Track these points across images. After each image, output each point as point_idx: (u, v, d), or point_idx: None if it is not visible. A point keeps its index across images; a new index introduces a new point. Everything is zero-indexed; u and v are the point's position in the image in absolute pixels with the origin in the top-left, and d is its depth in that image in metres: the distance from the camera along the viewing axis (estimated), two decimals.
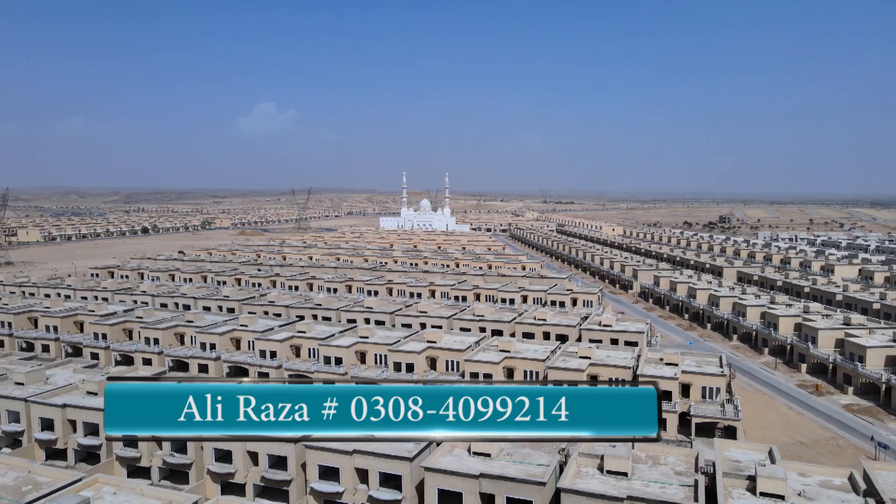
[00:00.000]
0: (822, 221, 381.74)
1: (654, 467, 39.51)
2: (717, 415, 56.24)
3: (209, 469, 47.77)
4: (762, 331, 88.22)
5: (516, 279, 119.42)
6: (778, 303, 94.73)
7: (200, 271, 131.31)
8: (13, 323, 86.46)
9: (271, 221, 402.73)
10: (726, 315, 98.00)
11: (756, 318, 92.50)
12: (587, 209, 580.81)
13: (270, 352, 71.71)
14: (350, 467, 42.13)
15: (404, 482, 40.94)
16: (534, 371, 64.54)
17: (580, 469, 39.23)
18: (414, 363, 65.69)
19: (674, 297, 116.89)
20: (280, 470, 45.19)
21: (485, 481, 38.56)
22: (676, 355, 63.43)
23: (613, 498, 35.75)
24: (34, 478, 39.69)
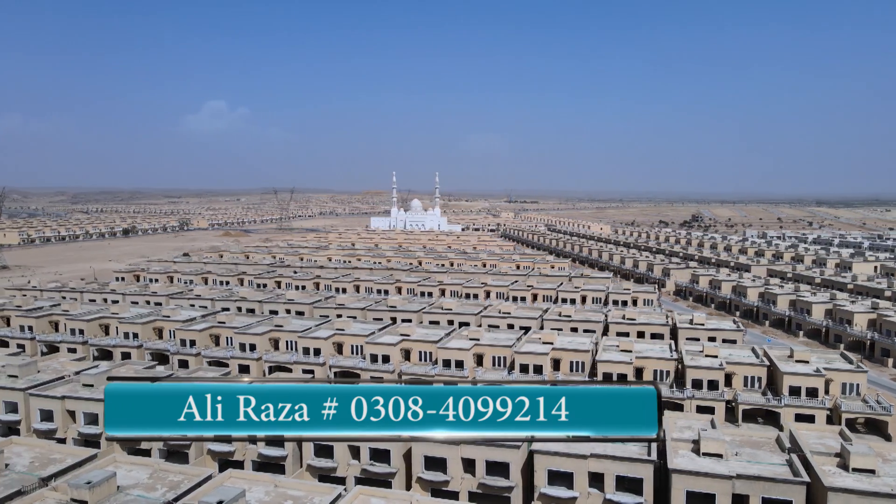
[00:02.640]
0: (791, 220, 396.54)
1: None
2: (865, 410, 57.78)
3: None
4: (834, 327, 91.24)
5: (561, 279, 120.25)
6: (842, 299, 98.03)
7: (236, 273, 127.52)
8: (139, 333, 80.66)
9: (250, 222, 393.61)
10: (790, 312, 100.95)
11: (821, 314, 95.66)
12: (558, 209, 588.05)
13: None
14: (584, 471, 41.68)
15: (645, 485, 40.74)
16: (663, 370, 65.13)
17: (822, 467, 39.77)
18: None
19: (719, 295, 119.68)
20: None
21: (739, 482, 38.71)
22: (807, 354, 65.06)
23: (879, 494, 36.46)
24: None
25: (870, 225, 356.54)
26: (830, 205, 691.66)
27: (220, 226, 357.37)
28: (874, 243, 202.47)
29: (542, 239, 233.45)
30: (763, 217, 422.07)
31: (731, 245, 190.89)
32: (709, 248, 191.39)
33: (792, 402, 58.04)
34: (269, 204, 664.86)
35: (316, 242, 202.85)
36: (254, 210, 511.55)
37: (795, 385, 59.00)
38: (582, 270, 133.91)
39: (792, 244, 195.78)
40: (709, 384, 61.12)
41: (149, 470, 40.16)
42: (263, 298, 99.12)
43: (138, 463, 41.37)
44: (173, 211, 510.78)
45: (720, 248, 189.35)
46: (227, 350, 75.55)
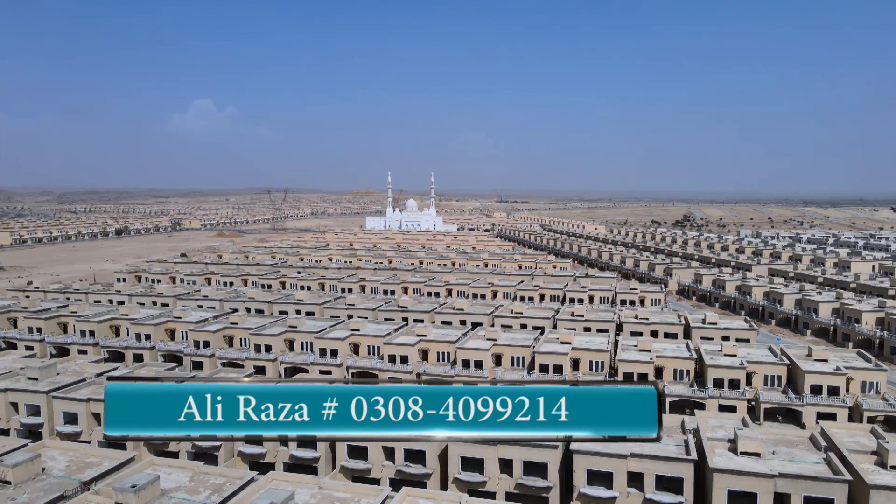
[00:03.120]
0: (782, 220, 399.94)
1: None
2: None
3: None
4: (843, 325, 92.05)
5: (566, 279, 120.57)
6: (848, 298, 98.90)
7: (240, 274, 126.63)
8: (152, 334, 79.65)
9: (242, 222, 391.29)
10: (796, 311, 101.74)
11: (828, 313, 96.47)
12: (549, 209, 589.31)
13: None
14: (624, 470, 41.73)
15: (685, 484, 40.84)
16: (685, 370, 65.40)
17: (861, 465, 40.06)
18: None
19: (723, 294, 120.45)
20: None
21: (780, 481, 38.91)
22: (826, 352, 65.59)
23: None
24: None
25: (859, 224, 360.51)
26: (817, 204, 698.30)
27: (213, 226, 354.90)
28: (868, 243, 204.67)
29: (540, 239, 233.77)
30: (754, 217, 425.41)
31: (729, 245, 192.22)
32: (706, 248, 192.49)
33: (814, 400, 58.48)
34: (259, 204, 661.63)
35: (314, 243, 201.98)
36: (245, 210, 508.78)
37: (817, 384, 59.42)
38: (586, 270, 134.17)
39: (788, 244, 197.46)
40: (730, 383, 61.44)
41: (189, 473, 39.75)
42: (273, 299, 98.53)
43: (177, 465, 41.05)
44: (163, 211, 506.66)
45: (717, 248, 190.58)
46: (241, 351, 75.12)
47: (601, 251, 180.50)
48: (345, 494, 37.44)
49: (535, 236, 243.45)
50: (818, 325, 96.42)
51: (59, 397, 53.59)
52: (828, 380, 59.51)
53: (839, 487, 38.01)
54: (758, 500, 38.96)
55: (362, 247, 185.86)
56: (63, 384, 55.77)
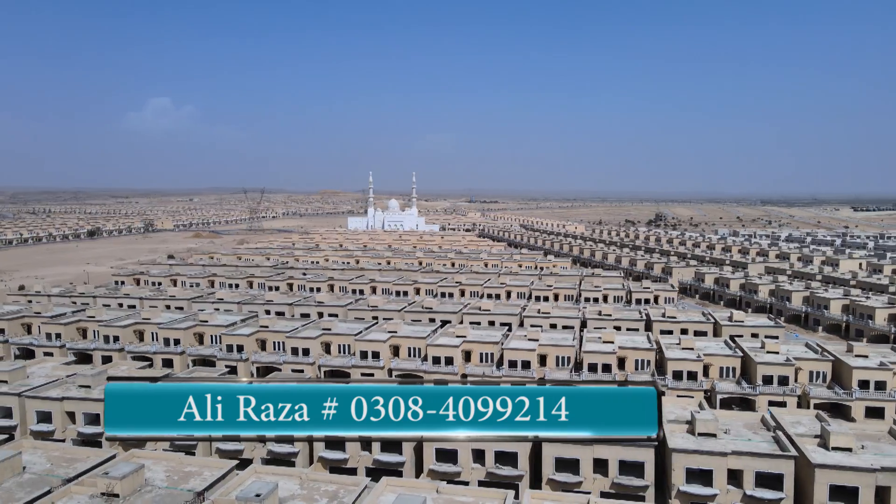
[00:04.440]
0: (750, 219, 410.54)
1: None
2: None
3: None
4: (855, 322, 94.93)
5: (575, 278, 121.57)
6: (856, 295, 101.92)
7: (245, 276, 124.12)
8: (181, 339, 78.00)
9: (215, 222, 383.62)
10: (806, 308, 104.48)
11: (838, 309, 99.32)
12: (521, 208, 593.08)
13: (440, 356, 70.57)
14: (724, 468, 42.23)
15: (786, 480, 41.54)
16: (731, 368, 66.54)
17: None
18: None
19: (728, 293, 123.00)
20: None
21: (881, 475, 39.92)
22: (866, 349, 67.58)
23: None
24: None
25: (824, 223, 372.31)
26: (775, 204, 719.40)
27: (186, 227, 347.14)
28: (845, 241, 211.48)
29: (528, 239, 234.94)
30: (723, 216, 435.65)
31: (714, 243, 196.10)
32: (692, 246, 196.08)
33: (863, 395, 60.18)
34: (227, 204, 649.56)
35: (303, 244, 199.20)
36: (214, 210, 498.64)
37: (864, 379, 61.13)
38: (592, 271, 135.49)
39: (772, 242, 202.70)
40: (779, 380, 62.77)
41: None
42: (293, 301, 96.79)
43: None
44: (127, 212, 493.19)
45: (703, 247, 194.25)
46: (278, 355, 73.60)
47: (594, 251, 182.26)
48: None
49: (523, 236, 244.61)
50: (830, 322, 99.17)
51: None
52: (875, 375, 61.26)
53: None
54: (859, 494, 39.91)
55: (355, 247, 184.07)
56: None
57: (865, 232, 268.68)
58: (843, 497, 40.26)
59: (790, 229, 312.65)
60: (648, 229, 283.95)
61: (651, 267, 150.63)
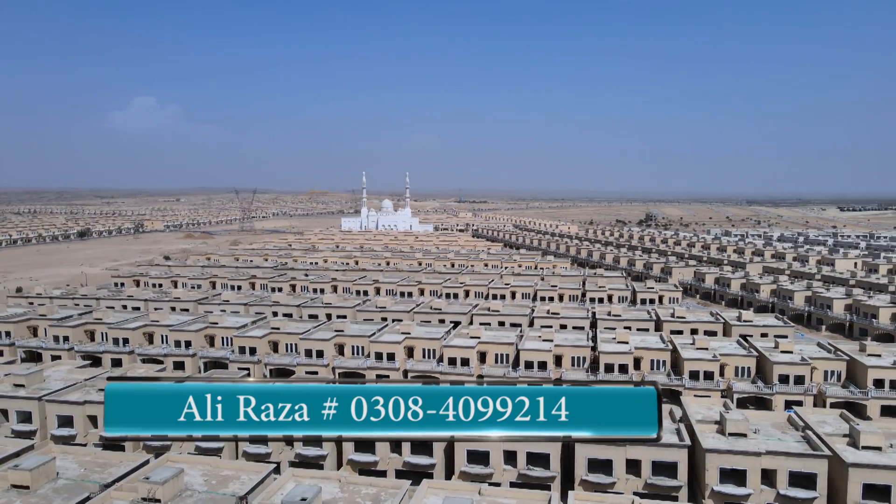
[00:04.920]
0: (739, 219, 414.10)
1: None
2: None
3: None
4: (859, 321, 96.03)
5: (579, 279, 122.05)
6: (858, 295, 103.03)
7: (247, 277, 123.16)
8: (193, 341, 77.59)
9: (204, 223, 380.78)
10: (808, 308, 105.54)
11: (841, 309, 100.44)
12: (511, 208, 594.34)
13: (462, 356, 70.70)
14: (757, 468, 42.52)
15: (819, 480, 41.89)
16: (747, 367, 67.04)
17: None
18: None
19: (729, 292, 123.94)
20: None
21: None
22: (878, 348, 68.31)
23: None
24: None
25: (812, 223, 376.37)
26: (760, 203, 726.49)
27: (176, 227, 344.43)
28: (838, 241, 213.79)
29: (524, 238, 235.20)
30: (712, 216, 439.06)
31: (710, 243, 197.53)
32: (686, 246, 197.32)
33: (879, 394, 60.90)
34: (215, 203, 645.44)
35: (300, 244, 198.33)
36: (202, 210, 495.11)
37: (879, 378, 61.85)
38: (595, 271, 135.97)
39: (766, 242, 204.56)
40: (795, 379, 63.34)
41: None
42: (300, 303, 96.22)
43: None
44: (114, 212, 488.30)
45: (699, 247, 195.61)
46: (292, 357, 73.29)
47: (591, 251, 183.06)
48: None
49: (519, 236, 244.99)
50: (833, 321, 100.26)
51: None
52: (891, 374, 62.01)
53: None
54: (892, 491, 40.34)
55: (353, 248, 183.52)
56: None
57: (855, 232, 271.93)
58: (875, 495, 40.73)
59: (780, 229, 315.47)
60: (641, 229, 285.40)
61: (650, 267, 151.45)
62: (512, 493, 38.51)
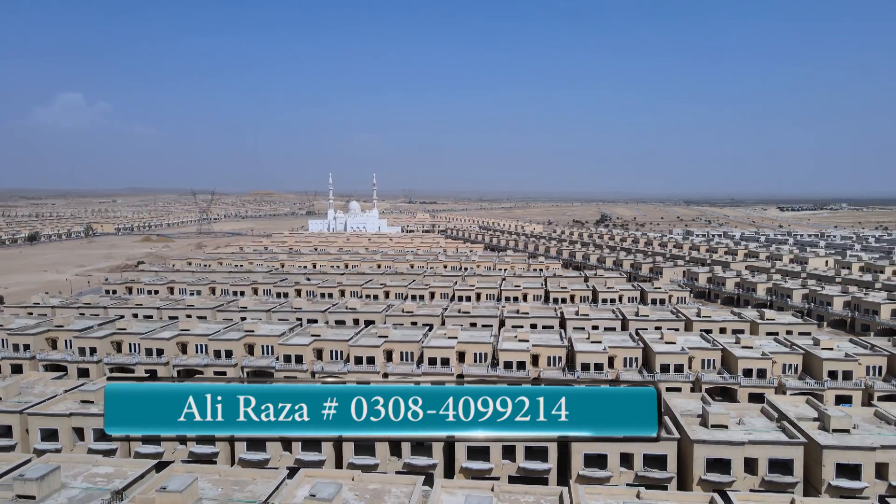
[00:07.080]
0: (689, 219, 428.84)
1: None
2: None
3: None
4: (860, 317, 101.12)
5: (576, 279, 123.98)
6: (855, 291, 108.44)
7: (248, 283, 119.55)
8: (234, 350, 74.37)
9: (156, 225, 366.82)
10: (808, 305, 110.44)
11: (841, 306, 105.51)
12: (465, 209, 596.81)
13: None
14: (872, 462, 44.39)
15: (795, 465, 44.59)
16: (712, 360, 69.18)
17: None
18: None
19: (724, 291, 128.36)
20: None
21: (881, 452, 43.58)
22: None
23: None
24: None
25: (758, 222, 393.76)
26: (697, 203, 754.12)
27: (128, 231, 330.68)
28: (797, 240, 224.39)
29: (498, 239, 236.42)
30: (663, 216, 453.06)
31: (682, 243, 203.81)
32: (658, 246, 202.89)
33: (833, 385, 64.53)
34: (160, 205, 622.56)
35: (277, 248, 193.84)
36: (146, 212, 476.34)
37: (833, 370, 65.18)
38: (595, 272, 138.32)
39: (736, 241, 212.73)
40: (757, 372, 66.12)
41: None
42: (321, 308, 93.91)
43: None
44: (52, 214, 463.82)
45: (670, 247, 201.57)
46: (340, 364, 71.68)
47: (574, 252, 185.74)
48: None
49: (494, 236, 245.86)
50: (834, 318, 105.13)
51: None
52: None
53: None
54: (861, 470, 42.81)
55: (334, 251, 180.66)
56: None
57: (807, 231, 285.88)
58: (847, 474, 43.82)
59: (729, 228, 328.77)
60: (606, 230, 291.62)
61: (639, 267, 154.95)
62: (530, 489, 39.07)
